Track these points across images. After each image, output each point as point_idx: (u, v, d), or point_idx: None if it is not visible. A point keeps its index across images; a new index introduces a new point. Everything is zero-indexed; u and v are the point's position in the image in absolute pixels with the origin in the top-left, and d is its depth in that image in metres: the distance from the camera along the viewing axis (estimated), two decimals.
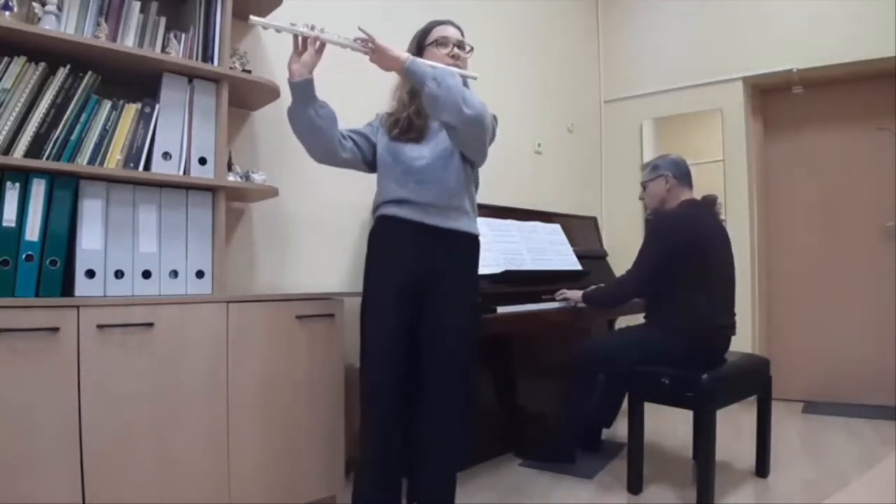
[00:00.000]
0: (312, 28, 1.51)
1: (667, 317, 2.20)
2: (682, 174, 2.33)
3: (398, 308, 1.57)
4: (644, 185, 2.42)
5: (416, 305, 1.59)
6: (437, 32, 1.66)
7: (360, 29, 1.51)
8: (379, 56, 1.50)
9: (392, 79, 1.69)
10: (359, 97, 2.00)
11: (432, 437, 1.61)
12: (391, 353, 1.56)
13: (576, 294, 2.42)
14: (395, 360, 1.56)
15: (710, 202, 2.33)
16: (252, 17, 1.42)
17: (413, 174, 1.60)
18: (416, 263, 1.58)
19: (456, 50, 1.64)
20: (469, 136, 1.53)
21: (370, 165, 1.72)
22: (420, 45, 1.67)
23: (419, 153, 1.62)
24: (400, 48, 1.55)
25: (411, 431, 1.62)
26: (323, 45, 1.55)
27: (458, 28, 1.70)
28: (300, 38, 1.53)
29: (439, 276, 1.60)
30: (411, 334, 1.59)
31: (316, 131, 1.59)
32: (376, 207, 1.67)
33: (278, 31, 1.44)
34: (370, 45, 1.49)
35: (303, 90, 1.54)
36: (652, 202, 2.38)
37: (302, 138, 1.63)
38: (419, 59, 1.51)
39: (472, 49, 1.70)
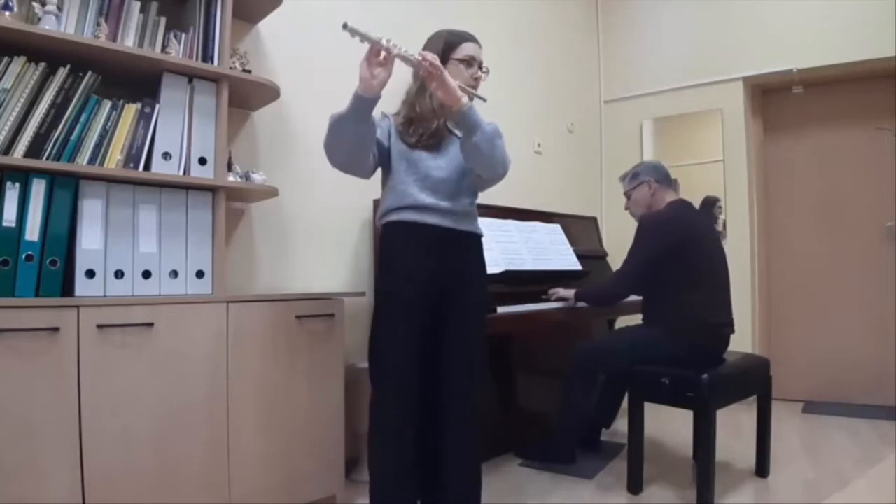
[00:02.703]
0: (388, 41, 1.41)
1: (663, 317, 2.21)
2: (663, 177, 2.36)
3: (418, 312, 1.57)
4: (628, 195, 2.44)
5: (432, 309, 1.59)
6: (466, 50, 1.64)
7: (426, 56, 1.45)
8: (441, 87, 1.45)
9: (399, 83, 1.66)
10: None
11: (458, 433, 1.61)
12: (411, 359, 1.55)
13: (569, 293, 2.42)
14: (413, 367, 1.56)
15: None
16: (348, 24, 1.31)
17: (430, 182, 1.59)
18: (435, 266, 1.58)
19: (479, 73, 1.66)
20: (486, 184, 1.67)
21: (374, 171, 1.68)
22: (444, 57, 1.61)
23: (437, 163, 1.61)
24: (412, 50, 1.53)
25: (422, 439, 1.60)
26: (393, 59, 1.44)
27: (480, 46, 1.69)
28: (376, 50, 1.41)
29: (458, 277, 1.62)
30: (426, 339, 1.59)
31: (359, 147, 1.53)
32: (387, 212, 1.62)
33: (362, 41, 1.36)
34: (433, 72, 1.44)
35: (371, 106, 1.46)
36: (638, 209, 2.40)
37: (338, 147, 1.53)
38: (476, 109, 1.49)
39: (488, 71, 1.70)
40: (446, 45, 1.64)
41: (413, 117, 1.63)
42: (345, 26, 1.32)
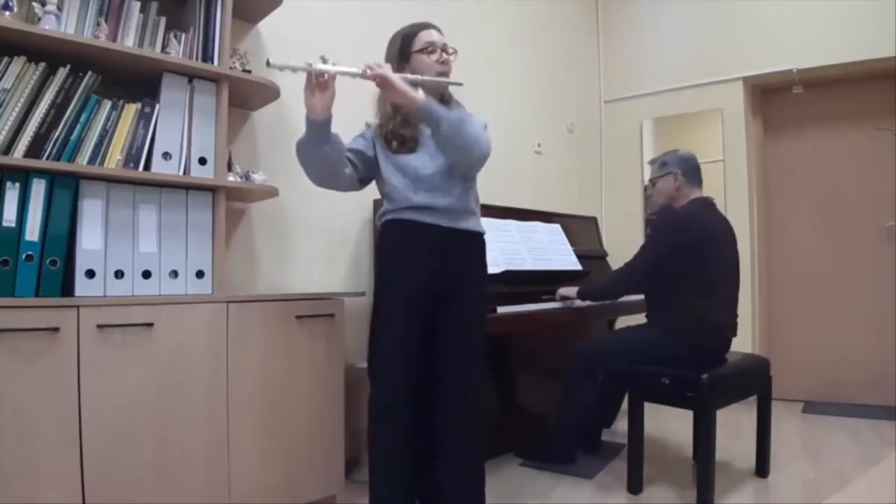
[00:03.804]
0: (325, 60, 1.44)
1: (668, 317, 2.20)
2: (691, 171, 2.30)
3: (418, 311, 1.57)
4: (653, 182, 2.38)
5: (431, 308, 1.60)
6: (424, 38, 1.62)
7: (371, 65, 1.46)
8: (392, 93, 1.47)
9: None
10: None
11: (456, 433, 1.62)
12: (410, 357, 1.56)
13: (571, 291, 2.41)
14: (411, 367, 1.56)
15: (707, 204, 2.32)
16: (270, 61, 1.36)
17: (422, 182, 1.59)
18: (435, 266, 1.59)
19: (444, 56, 1.63)
20: (470, 170, 1.62)
21: (364, 182, 1.69)
22: (405, 52, 1.62)
23: (422, 162, 1.61)
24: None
25: (422, 434, 1.61)
26: (334, 76, 1.47)
27: (439, 30, 1.67)
28: (314, 74, 1.44)
29: (457, 277, 1.62)
30: (424, 338, 1.60)
31: (327, 166, 1.55)
32: (385, 213, 1.64)
33: (294, 71, 1.38)
34: (379, 81, 1.46)
35: (323, 128, 1.49)
36: (659, 199, 2.35)
37: (308, 168, 1.58)
38: (434, 102, 1.50)
39: (455, 51, 1.67)
40: (403, 41, 1.64)
41: (382, 125, 1.64)
42: (268, 64, 1.35)
